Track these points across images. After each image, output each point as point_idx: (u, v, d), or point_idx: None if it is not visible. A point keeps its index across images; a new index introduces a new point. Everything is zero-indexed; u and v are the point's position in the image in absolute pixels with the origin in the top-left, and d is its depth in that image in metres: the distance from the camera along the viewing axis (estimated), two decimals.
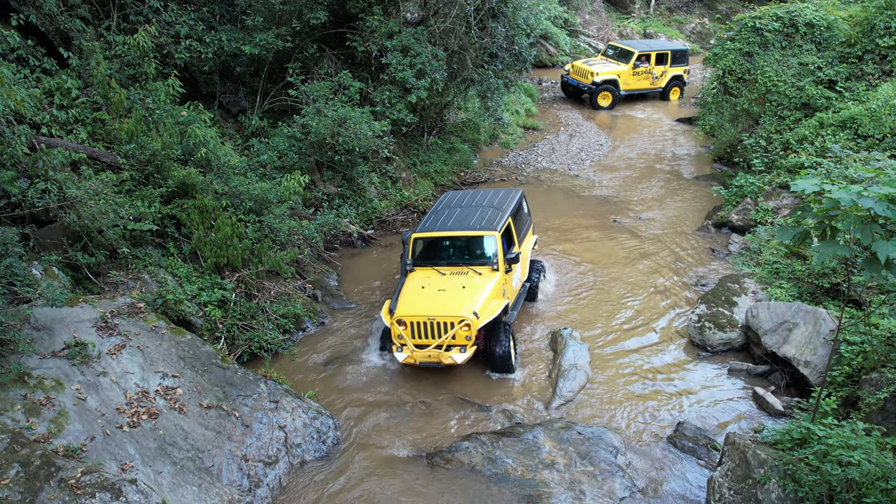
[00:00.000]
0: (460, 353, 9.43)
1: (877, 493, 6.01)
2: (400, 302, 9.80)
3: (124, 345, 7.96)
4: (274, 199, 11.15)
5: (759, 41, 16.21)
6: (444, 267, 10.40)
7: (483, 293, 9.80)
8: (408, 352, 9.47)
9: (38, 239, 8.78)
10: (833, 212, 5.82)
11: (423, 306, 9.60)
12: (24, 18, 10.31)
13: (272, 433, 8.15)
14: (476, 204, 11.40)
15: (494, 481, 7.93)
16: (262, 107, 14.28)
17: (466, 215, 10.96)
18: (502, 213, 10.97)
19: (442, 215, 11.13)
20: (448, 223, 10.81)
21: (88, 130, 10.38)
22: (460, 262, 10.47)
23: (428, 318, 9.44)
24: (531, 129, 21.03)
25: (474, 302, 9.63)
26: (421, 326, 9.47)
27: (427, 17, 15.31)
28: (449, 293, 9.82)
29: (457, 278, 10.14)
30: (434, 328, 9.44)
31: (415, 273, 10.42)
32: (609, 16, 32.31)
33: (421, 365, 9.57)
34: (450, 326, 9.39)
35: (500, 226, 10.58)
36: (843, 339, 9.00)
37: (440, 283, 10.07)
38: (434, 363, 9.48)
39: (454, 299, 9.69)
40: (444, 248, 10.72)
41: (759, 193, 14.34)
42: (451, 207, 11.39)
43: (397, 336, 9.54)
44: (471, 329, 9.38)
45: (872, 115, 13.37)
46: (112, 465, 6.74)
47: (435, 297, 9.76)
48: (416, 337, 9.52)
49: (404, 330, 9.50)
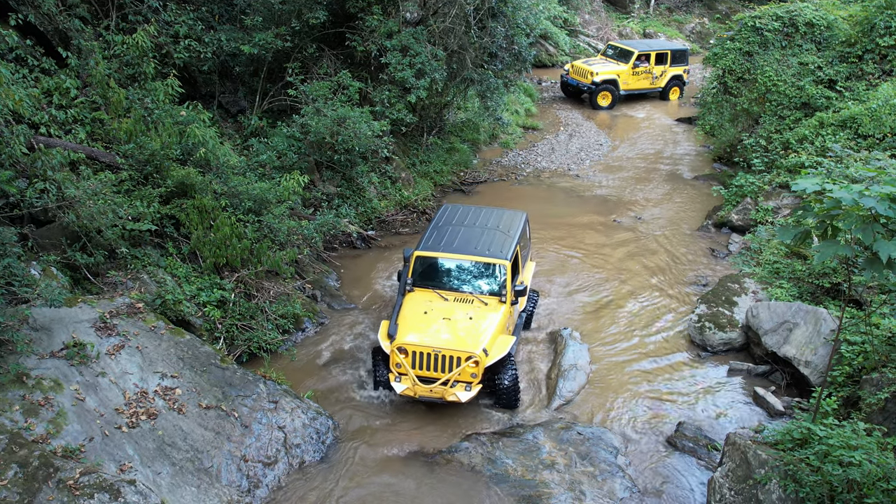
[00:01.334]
0: (465, 392, 8.75)
1: (878, 493, 6.00)
2: (401, 327, 9.05)
3: (123, 345, 7.94)
4: (273, 198, 11.12)
5: (758, 41, 16.20)
6: (447, 292, 9.63)
7: (491, 327, 9.11)
8: (408, 383, 8.78)
9: (36, 239, 8.76)
10: (834, 211, 5.81)
11: (427, 335, 8.91)
12: (22, 18, 10.29)
13: (271, 434, 8.13)
14: (481, 224, 10.57)
15: (494, 482, 7.91)
16: (261, 106, 14.26)
17: (472, 237, 10.16)
18: (510, 238, 10.24)
19: (445, 233, 10.28)
20: (453, 244, 9.99)
21: (87, 130, 10.36)
22: (465, 289, 9.71)
23: (433, 350, 8.74)
24: (531, 128, 21.01)
25: (483, 336, 8.95)
26: (424, 357, 8.78)
27: (426, 16, 15.29)
28: (455, 323, 9.11)
29: (462, 307, 9.40)
30: (439, 361, 8.76)
31: (414, 294, 9.67)
32: (608, 15, 32.30)
33: (421, 399, 8.89)
34: (456, 362, 8.72)
35: (511, 253, 9.85)
36: (843, 339, 8.98)
37: (444, 309, 9.33)
38: (436, 399, 8.83)
39: (462, 331, 8.99)
40: (449, 271, 9.93)
41: (759, 193, 14.33)
42: (454, 225, 10.54)
43: (395, 364, 8.83)
44: (479, 367, 8.73)
45: (872, 114, 13.36)
46: (111, 465, 6.72)
47: (440, 327, 9.05)
48: (418, 368, 8.81)
49: (405, 359, 8.79)
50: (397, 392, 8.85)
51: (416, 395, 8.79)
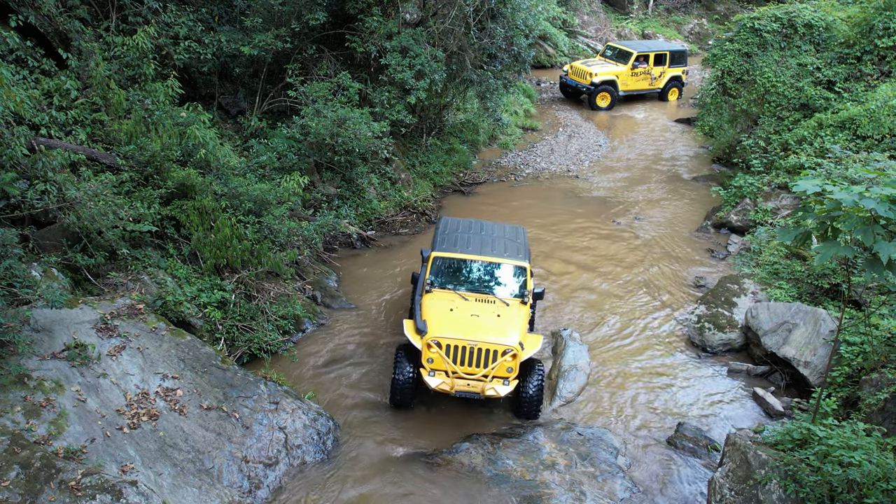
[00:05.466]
0: (504, 386, 8.50)
1: (878, 493, 6.02)
2: (430, 321, 8.78)
3: (124, 346, 7.94)
4: (273, 199, 11.13)
5: (757, 42, 16.23)
6: (468, 293, 9.43)
7: (518, 325, 8.91)
8: (443, 377, 8.49)
9: (37, 240, 8.76)
10: (834, 212, 5.84)
11: (461, 329, 8.65)
12: (23, 19, 10.29)
13: (272, 434, 8.14)
14: (487, 233, 10.39)
15: (495, 482, 7.92)
16: (261, 108, 14.27)
17: (485, 242, 10.02)
18: (521, 245, 10.17)
19: (456, 239, 10.05)
20: (468, 247, 9.84)
21: (87, 131, 10.36)
22: (487, 290, 9.54)
23: (469, 343, 8.47)
24: (530, 129, 21.03)
25: (515, 332, 8.75)
26: (459, 351, 8.52)
27: (426, 17, 15.30)
28: (485, 319, 8.88)
29: (487, 307, 9.18)
30: (474, 355, 8.50)
31: (433, 294, 9.41)
32: (607, 16, 32.32)
33: (458, 395, 8.60)
34: (493, 356, 8.49)
35: (528, 257, 9.84)
36: (843, 340, 9.01)
37: (470, 308, 9.10)
38: (473, 394, 8.54)
39: (495, 326, 8.76)
40: (470, 272, 9.76)
41: (757, 194, 14.36)
42: (461, 233, 10.29)
43: (428, 360, 8.55)
44: (515, 360, 8.51)
45: (871, 115, 13.40)
46: (112, 466, 6.73)
47: (471, 322, 8.81)
48: (452, 362, 8.55)
49: (440, 353, 8.51)
50: (432, 387, 8.55)
51: (453, 389, 8.52)
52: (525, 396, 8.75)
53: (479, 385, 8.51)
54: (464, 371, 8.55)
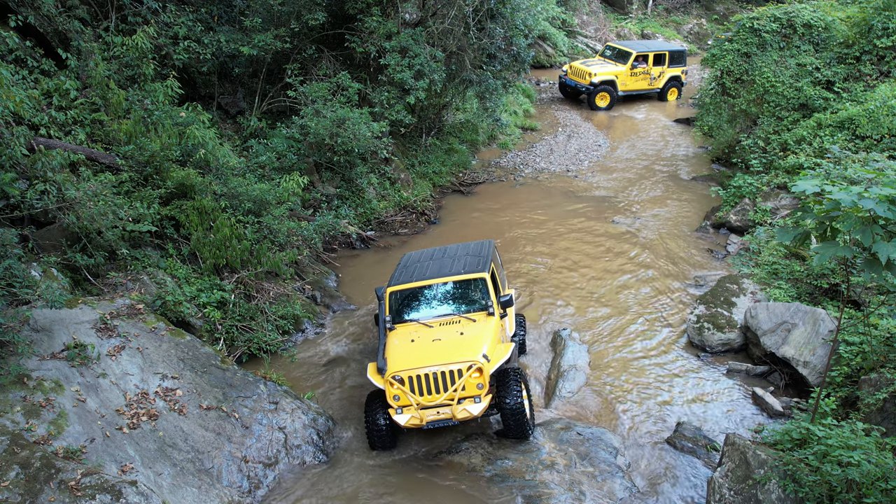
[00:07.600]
0: (476, 404, 8.00)
1: (877, 493, 6.02)
2: (390, 358, 8.34)
3: (124, 346, 7.95)
4: (273, 200, 11.14)
5: (756, 42, 16.24)
6: (431, 320, 9.01)
7: (485, 338, 8.50)
8: (411, 412, 8.03)
9: (37, 240, 8.77)
10: (833, 213, 5.84)
11: (420, 358, 8.23)
12: (22, 19, 10.30)
13: (272, 434, 8.14)
14: (449, 255, 10.06)
15: (494, 482, 7.93)
16: (260, 108, 14.27)
17: (443, 265, 9.68)
18: (482, 258, 9.74)
19: (413, 269, 9.75)
20: (425, 274, 9.48)
21: (87, 131, 10.37)
22: (449, 312, 9.14)
23: (430, 369, 8.03)
24: (529, 129, 21.04)
25: (479, 346, 8.32)
26: (423, 380, 8.04)
27: (426, 17, 15.31)
28: (447, 342, 8.49)
29: (451, 328, 8.80)
30: (439, 380, 8.04)
31: (396, 330, 8.96)
32: (607, 16, 32.34)
33: (430, 426, 8.10)
34: (457, 375, 8.02)
35: (487, 267, 9.39)
36: (842, 340, 9.01)
37: (432, 334, 8.72)
38: (446, 421, 8.05)
39: (457, 346, 8.36)
40: (428, 299, 9.37)
41: (757, 194, 14.36)
42: (421, 262, 9.98)
43: (393, 397, 8.08)
44: (482, 374, 8.02)
45: (870, 115, 13.40)
46: (112, 466, 6.73)
47: (431, 348, 8.41)
48: (418, 394, 8.06)
49: (402, 388, 8.07)
50: (401, 424, 8.05)
51: (424, 422, 8.03)
52: (505, 409, 8.17)
53: (449, 411, 8.02)
54: (428, 401, 8.04)
